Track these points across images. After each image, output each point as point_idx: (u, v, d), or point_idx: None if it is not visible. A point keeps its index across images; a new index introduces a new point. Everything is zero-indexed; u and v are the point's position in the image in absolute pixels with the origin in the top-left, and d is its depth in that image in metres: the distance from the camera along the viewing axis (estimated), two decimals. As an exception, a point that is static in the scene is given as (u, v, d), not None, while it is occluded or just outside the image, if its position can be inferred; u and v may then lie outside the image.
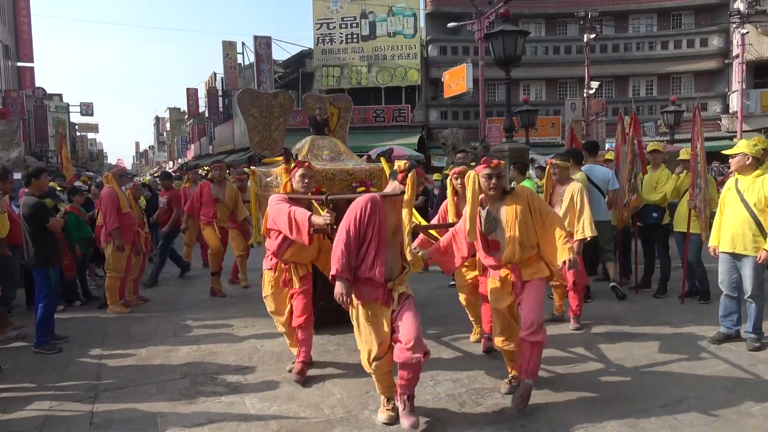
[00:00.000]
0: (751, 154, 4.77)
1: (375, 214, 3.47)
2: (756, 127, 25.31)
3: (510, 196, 3.82)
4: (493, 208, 3.84)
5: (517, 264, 3.80)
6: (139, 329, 6.01)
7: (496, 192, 3.79)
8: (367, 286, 3.49)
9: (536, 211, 3.79)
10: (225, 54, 31.92)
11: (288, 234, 4.04)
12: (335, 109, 6.81)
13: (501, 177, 3.80)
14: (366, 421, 3.63)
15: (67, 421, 3.79)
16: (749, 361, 4.55)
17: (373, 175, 5.65)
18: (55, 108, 40.55)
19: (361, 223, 3.45)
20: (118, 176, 6.94)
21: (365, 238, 3.47)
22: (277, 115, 6.73)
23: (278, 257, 4.38)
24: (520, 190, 3.90)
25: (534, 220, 3.78)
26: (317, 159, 5.68)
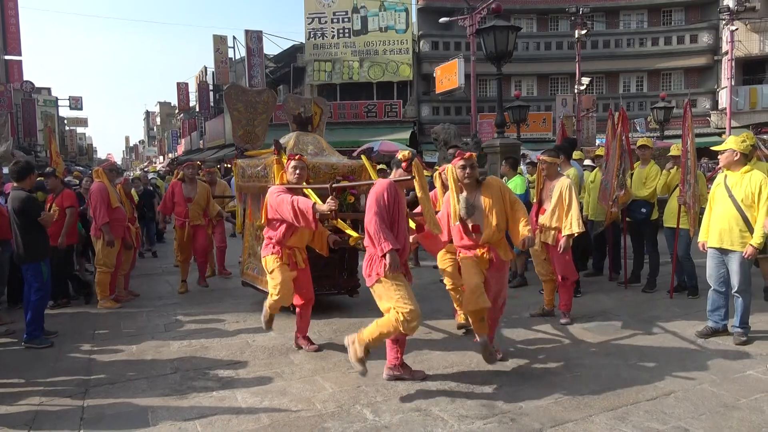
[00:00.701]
0: (739, 150, 4.81)
1: (395, 195, 3.94)
2: (744, 123, 25.53)
3: (484, 185, 4.36)
4: (471, 195, 4.34)
5: (493, 245, 4.34)
6: (129, 324, 5.99)
7: (470, 180, 4.30)
8: (394, 259, 3.82)
9: (506, 200, 4.36)
10: (216, 48, 31.72)
11: (294, 222, 4.39)
12: (318, 109, 7.18)
13: (474, 167, 4.29)
14: (357, 415, 3.65)
15: (57, 416, 3.77)
16: (736, 355, 4.61)
17: (354, 170, 6.05)
18: (44, 102, 40.16)
19: (388, 204, 3.88)
20: (109, 171, 6.91)
21: (393, 218, 3.92)
22: (260, 111, 7.06)
23: (282, 244, 4.72)
24: (492, 180, 4.43)
25: (506, 205, 4.34)
26: (303, 152, 5.88)
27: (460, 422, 3.52)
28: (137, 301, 7.10)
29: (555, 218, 5.51)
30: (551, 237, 5.56)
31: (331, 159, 6.15)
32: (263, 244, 4.89)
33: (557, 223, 5.49)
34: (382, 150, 18.97)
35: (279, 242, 4.72)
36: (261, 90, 7.61)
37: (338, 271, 6.18)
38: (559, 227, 5.48)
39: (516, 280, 7.37)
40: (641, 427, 3.41)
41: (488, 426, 3.47)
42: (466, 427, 3.45)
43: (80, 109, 46.64)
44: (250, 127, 6.99)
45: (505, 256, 4.43)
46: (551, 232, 5.56)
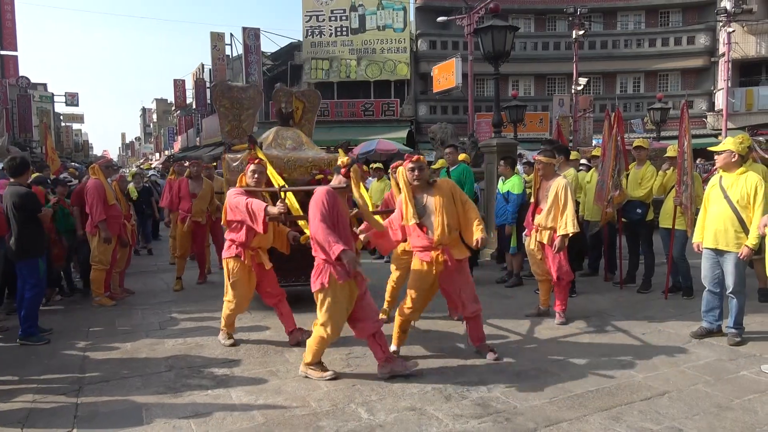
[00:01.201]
0: (737, 151, 4.82)
1: (335, 201, 4.03)
2: (740, 125, 25.62)
3: (435, 187, 4.45)
4: (421, 196, 4.45)
5: (446, 245, 4.37)
6: (124, 322, 5.97)
7: (420, 182, 4.40)
8: (343, 266, 3.94)
9: (458, 200, 4.45)
10: (213, 45, 31.65)
11: (249, 223, 4.57)
12: (300, 103, 7.34)
13: (423, 169, 4.40)
14: (352, 414, 3.65)
15: (51, 414, 3.76)
16: (730, 355, 4.63)
17: (331, 164, 6.19)
18: (40, 98, 39.96)
19: (329, 210, 3.96)
20: (105, 168, 6.89)
21: (335, 223, 3.98)
22: (246, 107, 7.23)
23: (247, 245, 4.83)
24: (443, 181, 4.56)
25: (457, 206, 4.42)
26: (281, 147, 6.26)
27: (454, 421, 3.52)
28: (132, 299, 7.08)
29: (551, 218, 5.51)
30: (547, 237, 5.57)
31: (309, 153, 6.30)
32: (225, 246, 4.96)
33: (553, 223, 5.50)
34: (379, 149, 18.98)
35: (242, 244, 4.81)
36: (246, 86, 7.81)
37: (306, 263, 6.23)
38: (555, 227, 5.49)
39: (512, 280, 7.38)
40: (635, 427, 3.42)
41: (483, 425, 3.47)
42: (460, 427, 3.45)
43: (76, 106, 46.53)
44: (237, 122, 7.16)
45: (461, 255, 4.46)
46: (547, 231, 5.57)
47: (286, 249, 5.21)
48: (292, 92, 7.48)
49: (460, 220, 4.45)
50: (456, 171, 7.57)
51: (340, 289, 4.01)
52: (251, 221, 4.51)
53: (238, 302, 4.96)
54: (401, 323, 4.64)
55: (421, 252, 4.46)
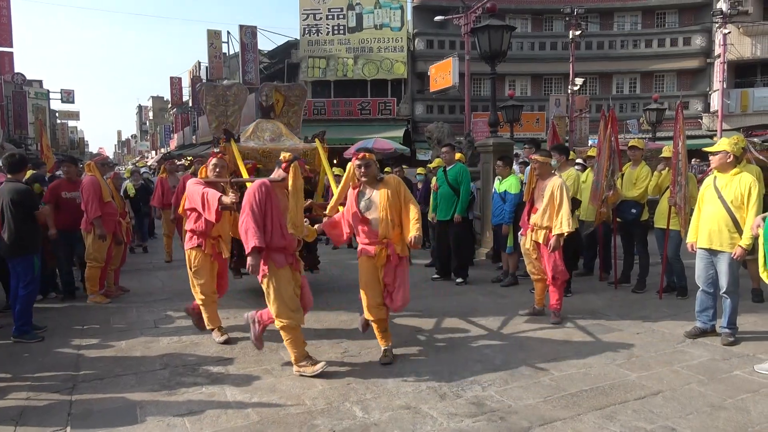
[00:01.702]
0: (732, 152, 4.84)
1: (269, 194, 4.19)
2: (735, 126, 25.71)
3: (382, 183, 4.57)
4: (368, 191, 4.59)
5: (389, 240, 4.51)
6: (119, 320, 5.96)
7: (367, 178, 4.56)
8: (280, 254, 4.20)
9: (402, 197, 4.56)
10: (210, 43, 31.55)
11: (202, 212, 4.77)
12: (281, 96, 7.55)
13: (369, 166, 4.54)
14: (347, 412, 3.65)
15: (44, 411, 3.75)
16: (723, 355, 4.65)
17: (307, 154, 6.40)
18: (35, 94, 39.76)
19: (260, 202, 4.12)
20: (101, 165, 6.87)
21: (267, 215, 4.15)
22: (231, 104, 7.45)
23: (207, 235, 5.04)
24: (390, 178, 4.64)
25: (401, 203, 4.55)
26: (259, 139, 6.54)
27: (449, 420, 3.53)
28: (127, 297, 7.06)
29: (546, 217, 5.53)
30: (543, 236, 5.58)
31: (285, 144, 6.55)
32: (186, 238, 5.14)
33: (548, 222, 5.52)
34: (376, 147, 18.95)
35: (203, 234, 5.03)
36: (230, 84, 8.20)
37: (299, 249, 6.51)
38: (551, 226, 5.50)
39: (507, 280, 7.40)
40: (629, 426, 3.44)
41: (477, 424, 3.48)
42: (455, 425, 3.46)
43: (72, 103, 46.30)
44: (224, 118, 7.38)
45: (403, 252, 4.58)
46: (543, 231, 5.58)
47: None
48: (273, 85, 7.71)
49: (402, 218, 4.56)
50: (453, 170, 7.58)
51: (281, 274, 4.18)
52: (203, 210, 4.71)
53: (204, 291, 5.11)
54: (376, 325, 4.65)
55: (366, 246, 4.59)
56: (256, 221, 4.08)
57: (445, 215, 7.54)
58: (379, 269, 4.54)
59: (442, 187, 7.61)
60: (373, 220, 4.53)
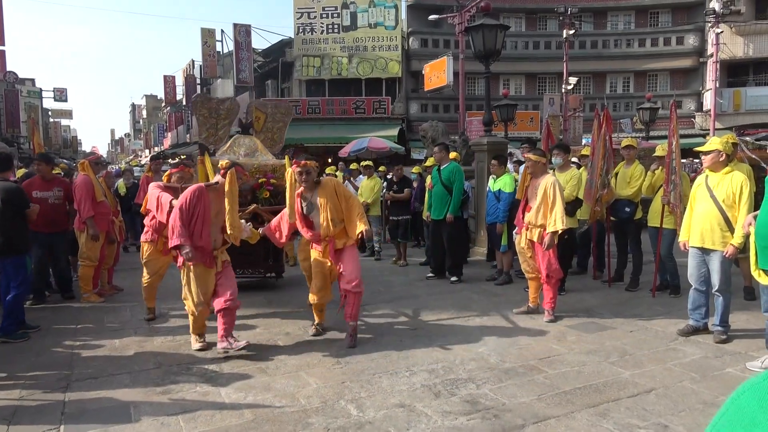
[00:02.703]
0: (724, 150, 4.88)
1: (200, 198, 4.62)
2: (728, 125, 25.84)
3: (321, 186, 5.00)
4: (310, 195, 5.01)
5: (332, 236, 4.96)
6: (113, 319, 5.94)
7: (306, 184, 4.97)
8: (197, 251, 4.60)
9: (341, 196, 5.00)
10: (204, 41, 31.42)
11: (155, 213, 5.29)
12: (261, 114, 7.99)
13: (309, 173, 4.94)
14: (341, 410, 3.65)
15: (37, 410, 3.73)
16: (716, 353, 4.68)
17: (276, 169, 6.94)
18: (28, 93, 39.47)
19: (190, 204, 4.58)
20: (94, 164, 6.84)
21: (194, 216, 4.58)
22: (223, 117, 7.83)
23: (159, 233, 5.57)
24: (327, 180, 5.11)
25: (340, 202, 4.96)
26: (234, 153, 6.94)
27: (443, 418, 3.54)
28: (121, 296, 7.04)
29: (540, 215, 5.55)
30: (537, 234, 5.60)
31: (259, 159, 7.06)
32: (144, 231, 5.79)
33: (543, 221, 5.54)
34: (371, 147, 18.95)
35: (156, 231, 5.60)
36: (224, 99, 8.59)
37: (264, 257, 7.06)
38: (545, 224, 5.52)
39: (502, 278, 7.42)
40: (622, 423, 3.45)
41: (471, 422, 3.49)
42: (449, 423, 3.47)
43: (65, 101, 45.93)
44: (213, 130, 7.77)
45: (347, 243, 5.06)
46: (537, 229, 5.60)
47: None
48: (254, 104, 8.28)
49: (344, 215, 5.02)
50: (446, 169, 7.59)
51: (194, 270, 4.67)
52: (156, 211, 5.25)
53: (152, 279, 5.79)
54: (315, 305, 5.22)
55: (314, 243, 5.11)
56: (182, 219, 4.54)
57: (439, 214, 7.56)
58: (326, 261, 5.04)
59: (436, 186, 7.62)
60: (315, 222, 5.01)
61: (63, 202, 6.62)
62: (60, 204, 6.58)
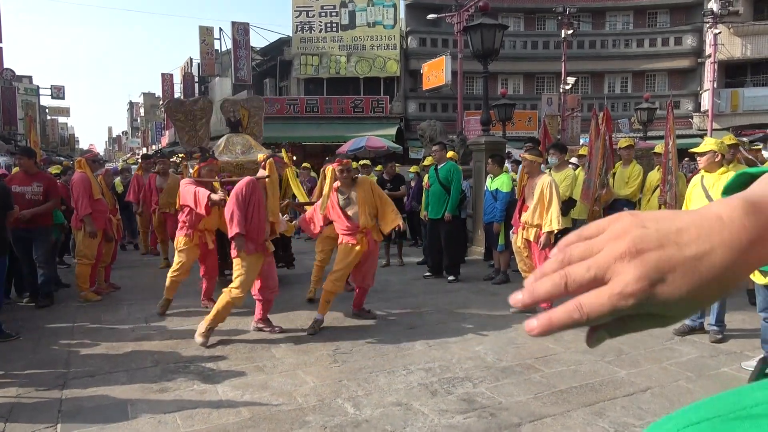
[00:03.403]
0: (719, 151, 4.90)
1: (254, 190, 4.89)
2: (726, 125, 25.89)
3: (357, 183, 5.48)
4: (347, 191, 5.45)
5: (369, 229, 5.38)
6: (110, 317, 5.94)
7: (345, 180, 5.44)
8: (251, 243, 4.90)
9: (376, 194, 5.50)
10: (202, 39, 31.37)
11: (194, 207, 5.47)
12: (245, 111, 8.04)
13: (349, 171, 5.45)
14: (338, 409, 3.66)
15: (34, 408, 3.73)
16: (711, 352, 4.70)
17: None
18: (25, 90, 39.40)
19: (246, 195, 4.82)
20: (91, 162, 6.83)
21: (249, 208, 4.83)
22: (199, 117, 8.00)
23: (194, 227, 5.76)
24: (363, 179, 5.62)
25: (375, 200, 5.46)
26: (231, 153, 7.06)
27: (440, 416, 3.55)
28: (118, 294, 7.04)
29: (537, 215, 5.56)
30: (533, 234, 5.61)
31: (258, 155, 7.07)
32: (179, 226, 5.91)
33: (539, 220, 5.55)
34: (369, 146, 18.95)
35: (191, 226, 5.75)
36: (196, 99, 8.83)
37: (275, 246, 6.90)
38: (541, 224, 5.53)
39: (499, 277, 7.43)
40: (618, 422, 3.47)
41: (468, 420, 3.50)
42: (446, 422, 3.48)
43: (62, 99, 45.90)
44: (193, 132, 7.94)
45: (378, 238, 5.54)
46: (533, 229, 5.61)
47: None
48: (237, 101, 8.37)
49: (378, 211, 5.49)
50: (444, 168, 7.59)
51: (250, 259, 4.89)
52: (195, 206, 5.42)
53: (184, 268, 5.88)
54: (326, 295, 5.37)
55: (348, 235, 5.37)
56: (240, 210, 4.78)
57: (437, 213, 7.56)
58: (359, 254, 5.34)
59: (434, 186, 7.63)
60: (353, 215, 5.37)
61: (42, 199, 6.30)
62: (38, 200, 6.27)
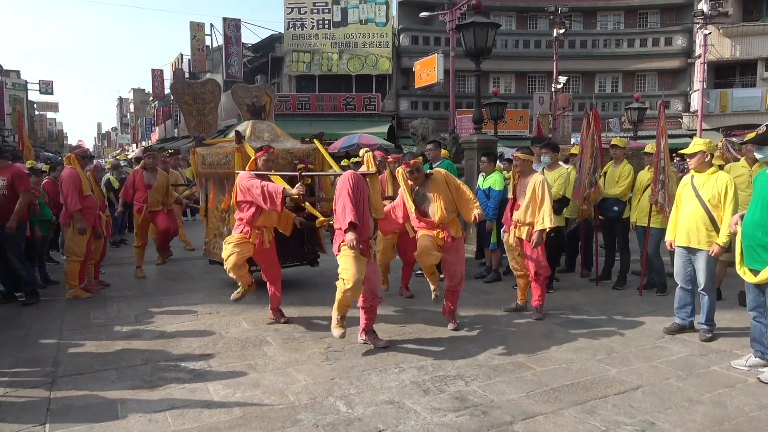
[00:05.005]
0: (708, 151, 4.96)
1: (360, 184, 4.59)
2: (715, 126, 26.12)
3: (432, 179, 5.22)
4: (420, 188, 5.25)
5: (446, 224, 5.12)
6: (99, 314, 5.88)
7: (417, 180, 5.22)
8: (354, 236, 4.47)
9: (452, 185, 5.23)
10: (192, 35, 31.19)
11: (262, 204, 4.94)
12: (268, 97, 7.69)
13: (419, 170, 5.18)
14: (331, 407, 3.65)
15: (22, 408, 3.68)
16: (701, 351, 4.73)
17: (309, 154, 6.67)
18: (12, 85, 39.00)
19: (354, 190, 4.52)
20: (81, 158, 6.75)
21: (357, 203, 4.51)
22: (207, 101, 7.58)
23: (252, 225, 5.18)
24: (436, 173, 5.31)
25: (451, 192, 5.19)
26: (260, 140, 6.47)
27: (432, 415, 3.55)
28: (107, 291, 6.97)
29: (529, 214, 5.57)
30: (525, 232, 5.62)
31: (287, 144, 6.72)
32: (235, 225, 5.32)
33: (531, 219, 5.56)
34: (361, 143, 18.93)
35: (249, 223, 5.18)
36: (205, 81, 8.22)
37: (301, 244, 6.90)
38: (533, 222, 5.54)
39: (490, 276, 7.44)
40: (609, 420, 3.48)
41: (460, 419, 3.50)
42: (438, 420, 3.48)
43: (51, 94, 45.50)
44: (201, 117, 7.48)
45: (457, 234, 5.23)
46: (525, 227, 5.62)
47: (289, 232, 5.62)
48: (262, 87, 7.89)
49: (455, 203, 5.20)
50: (439, 167, 7.57)
51: (356, 254, 4.48)
52: (264, 202, 4.89)
53: (239, 260, 5.17)
54: (425, 269, 5.34)
55: (426, 228, 5.19)
56: (353, 203, 4.47)
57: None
58: (433, 235, 5.12)
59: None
60: (428, 211, 5.19)
61: (8, 194, 6.00)
62: (4, 195, 5.97)
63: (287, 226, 5.55)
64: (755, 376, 4.13)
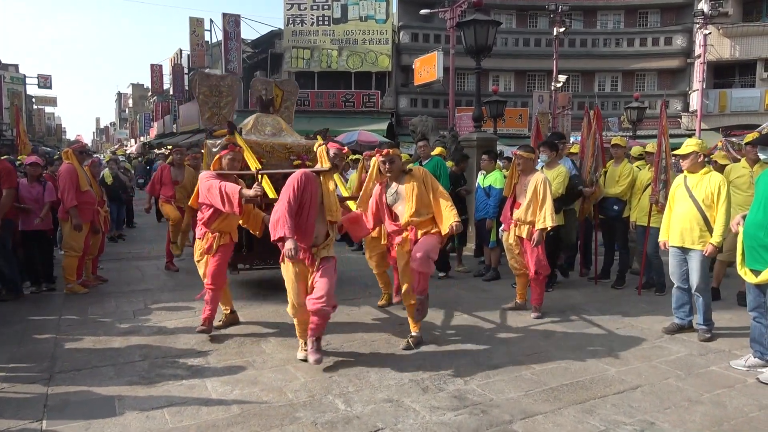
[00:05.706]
0: (701, 151, 4.98)
1: (309, 186, 4.17)
2: (713, 126, 26.13)
3: (409, 176, 4.73)
4: (395, 185, 4.77)
5: (415, 226, 4.65)
6: (97, 310, 5.86)
7: (391, 173, 4.72)
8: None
9: (429, 187, 4.72)
10: (192, 31, 31.08)
11: (220, 207, 4.59)
12: (279, 92, 7.57)
13: (393, 162, 4.68)
14: (329, 405, 3.63)
15: (19, 404, 3.67)
16: (700, 351, 4.73)
17: (309, 150, 6.34)
18: (11, 79, 38.86)
19: (298, 191, 4.09)
20: (78, 152, 6.72)
21: (302, 206, 4.13)
22: (225, 95, 7.46)
23: (208, 227, 4.91)
24: (416, 170, 4.79)
25: (428, 192, 4.69)
26: (260, 133, 6.44)
27: (431, 413, 3.54)
28: (105, 287, 6.95)
29: (530, 213, 5.55)
30: (525, 231, 5.61)
31: (287, 139, 6.56)
32: (197, 228, 5.09)
33: (532, 218, 5.54)
34: (360, 140, 18.93)
35: (205, 225, 4.92)
36: (224, 75, 8.24)
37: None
38: (534, 221, 5.53)
39: (489, 274, 7.43)
40: (608, 420, 3.48)
41: (459, 417, 3.49)
42: (437, 418, 3.47)
43: (49, 88, 45.36)
44: (217, 109, 7.36)
45: (431, 231, 4.70)
46: (526, 226, 5.61)
47: (258, 231, 5.25)
48: (272, 81, 7.71)
49: (432, 207, 4.70)
50: (430, 164, 7.53)
51: (289, 267, 4.21)
52: (223, 204, 4.54)
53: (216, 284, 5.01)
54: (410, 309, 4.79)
55: (395, 236, 4.79)
56: (290, 210, 4.03)
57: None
58: (406, 254, 4.68)
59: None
60: (399, 212, 4.73)
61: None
62: None
63: (256, 225, 5.19)
64: (754, 376, 4.13)
